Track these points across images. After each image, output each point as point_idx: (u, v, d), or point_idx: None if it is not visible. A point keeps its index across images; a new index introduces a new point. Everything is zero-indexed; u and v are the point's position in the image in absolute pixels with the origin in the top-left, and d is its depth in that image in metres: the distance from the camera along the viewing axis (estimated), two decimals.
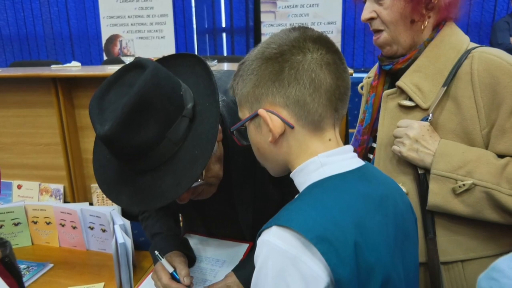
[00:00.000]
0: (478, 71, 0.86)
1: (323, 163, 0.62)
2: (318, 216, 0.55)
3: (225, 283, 1.00)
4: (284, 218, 0.56)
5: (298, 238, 0.54)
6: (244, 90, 0.65)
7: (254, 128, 0.66)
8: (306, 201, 0.59)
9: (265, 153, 0.67)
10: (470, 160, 0.85)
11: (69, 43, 4.54)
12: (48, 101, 1.72)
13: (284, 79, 0.61)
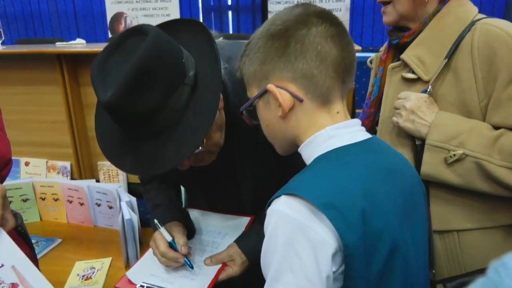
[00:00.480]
0: (478, 43, 0.85)
1: (331, 135, 0.63)
2: (326, 184, 0.57)
3: (227, 253, 1.01)
4: (293, 187, 0.58)
5: (306, 205, 0.55)
6: (251, 68, 0.66)
7: (263, 105, 0.68)
8: (314, 171, 0.61)
9: (274, 129, 0.69)
10: (464, 131, 0.86)
11: (74, 21, 4.49)
12: (53, 78, 1.71)
13: (290, 54, 0.62)
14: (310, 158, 0.65)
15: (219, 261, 1.00)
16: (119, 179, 1.78)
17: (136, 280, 0.98)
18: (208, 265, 1.01)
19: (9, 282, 0.73)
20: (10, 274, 0.74)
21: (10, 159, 0.91)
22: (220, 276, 0.98)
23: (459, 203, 0.92)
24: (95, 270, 1.31)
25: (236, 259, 1.00)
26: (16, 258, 0.76)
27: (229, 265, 1.00)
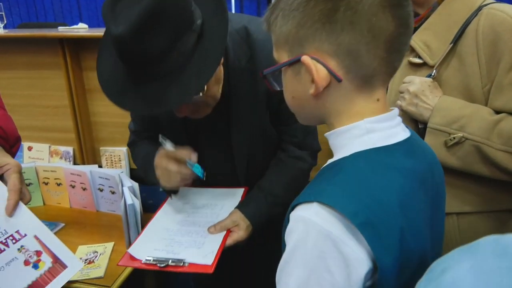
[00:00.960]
0: (483, 28, 0.86)
1: (369, 129, 0.55)
2: (364, 196, 0.50)
3: (231, 219, 1.01)
4: (328, 196, 0.50)
5: (342, 220, 0.49)
6: (284, 28, 0.54)
7: (292, 75, 0.57)
8: (351, 178, 0.52)
9: (301, 103, 0.59)
10: (465, 115, 0.87)
11: (76, 5, 4.45)
12: (55, 62, 1.70)
13: (337, 22, 0.50)
14: (341, 148, 0.57)
15: (223, 228, 0.99)
16: (121, 165, 1.78)
17: (139, 256, 0.95)
18: (212, 233, 0.99)
19: (34, 250, 0.79)
20: (34, 243, 0.80)
21: (19, 137, 0.94)
22: (227, 242, 0.97)
23: (459, 187, 0.93)
24: (98, 254, 1.33)
25: (240, 224, 0.99)
26: (37, 228, 0.82)
27: (234, 231, 0.99)
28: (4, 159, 0.83)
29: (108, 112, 1.77)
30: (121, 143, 1.79)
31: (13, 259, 0.76)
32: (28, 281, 0.76)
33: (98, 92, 1.76)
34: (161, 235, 1.03)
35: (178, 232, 1.03)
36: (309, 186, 0.56)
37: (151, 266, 0.92)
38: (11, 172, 0.81)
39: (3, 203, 0.79)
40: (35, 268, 0.78)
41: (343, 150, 0.56)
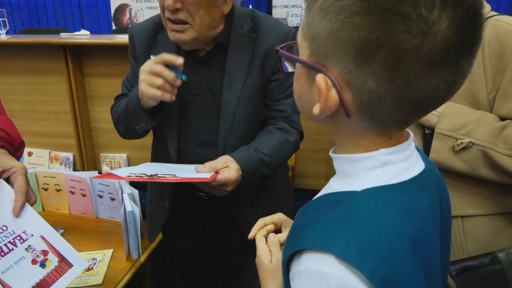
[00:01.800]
0: (489, 38, 0.89)
1: (384, 162, 0.47)
2: (384, 251, 0.43)
3: (221, 160, 0.98)
4: (345, 249, 0.42)
5: (361, 277, 0.42)
6: (317, 24, 0.43)
7: (305, 77, 0.48)
8: (368, 226, 0.44)
9: (306, 106, 0.50)
10: (472, 121, 0.90)
11: (78, 12, 4.48)
12: (57, 68, 1.71)
13: (373, 62, 0.40)
14: (347, 176, 0.50)
15: (212, 168, 0.96)
16: None
17: (121, 174, 0.89)
18: (200, 171, 0.95)
19: (40, 249, 0.82)
20: (40, 243, 0.83)
21: (23, 141, 0.96)
22: (218, 177, 0.93)
23: (464, 190, 0.95)
24: (97, 261, 1.32)
25: (230, 164, 0.97)
26: (43, 229, 0.85)
27: (225, 170, 0.96)
28: (11, 162, 0.86)
29: (109, 118, 1.76)
30: (121, 150, 1.79)
31: (21, 258, 0.79)
32: (36, 279, 0.79)
33: (99, 98, 1.77)
34: (144, 169, 0.98)
35: (161, 171, 0.98)
36: (311, 224, 0.47)
37: (135, 178, 0.88)
38: (18, 174, 0.84)
39: (10, 204, 0.82)
40: (42, 267, 0.81)
41: (350, 179, 0.49)
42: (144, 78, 0.96)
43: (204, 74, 1.08)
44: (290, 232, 0.52)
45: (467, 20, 0.39)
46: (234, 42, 1.05)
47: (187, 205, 1.16)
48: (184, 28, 0.97)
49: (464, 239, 0.96)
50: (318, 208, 0.50)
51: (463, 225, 0.96)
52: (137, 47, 1.13)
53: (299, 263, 0.45)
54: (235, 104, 1.05)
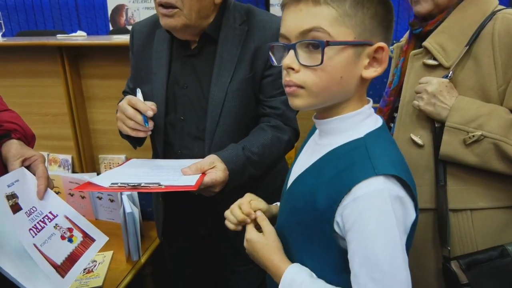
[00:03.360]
0: (499, 31, 0.90)
1: (368, 114, 0.68)
2: (403, 164, 0.66)
3: (208, 160, 0.97)
4: (386, 168, 0.61)
5: (398, 183, 0.62)
6: (359, 13, 0.61)
7: (353, 55, 0.62)
8: (387, 152, 0.65)
9: (346, 86, 0.64)
10: (483, 114, 0.90)
11: (75, 13, 4.47)
12: (54, 70, 1.70)
13: (390, 28, 0.66)
14: (343, 131, 0.67)
15: (198, 169, 0.94)
16: None
17: (103, 184, 0.89)
18: (186, 173, 0.94)
19: (66, 227, 0.93)
20: (65, 221, 0.93)
21: (34, 134, 1.04)
22: (205, 179, 0.92)
23: (474, 183, 0.95)
24: (97, 263, 1.32)
25: (217, 165, 0.96)
26: (65, 209, 0.96)
27: (212, 171, 0.95)
28: (31, 152, 0.95)
29: (106, 119, 1.77)
30: (120, 151, 1.78)
31: (52, 234, 0.89)
32: (68, 252, 0.89)
33: (97, 99, 1.76)
34: (127, 175, 0.97)
35: (146, 174, 0.98)
36: (347, 168, 0.63)
37: (118, 189, 0.89)
38: (38, 162, 0.93)
39: (35, 188, 0.91)
40: (70, 242, 0.92)
41: (349, 133, 0.66)
42: (119, 116, 1.03)
43: (194, 66, 1.08)
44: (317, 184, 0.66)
45: None
46: (224, 35, 1.06)
47: (179, 199, 1.13)
48: (173, 12, 0.98)
49: (473, 232, 0.95)
50: (337, 159, 0.65)
51: (472, 218, 0.95)
52: (135, 43, 1.16)
53: (352, 194, 0.60)
54: (223, 96, 1.04)
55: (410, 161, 0.99)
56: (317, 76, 0.62)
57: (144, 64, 1.13)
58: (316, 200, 0.64)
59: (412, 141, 1.00)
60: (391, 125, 1.09)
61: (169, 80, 1.09)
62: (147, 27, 1.14)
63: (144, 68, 1.13)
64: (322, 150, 0.68)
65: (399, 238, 0.60)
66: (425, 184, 0.99)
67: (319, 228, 0.65)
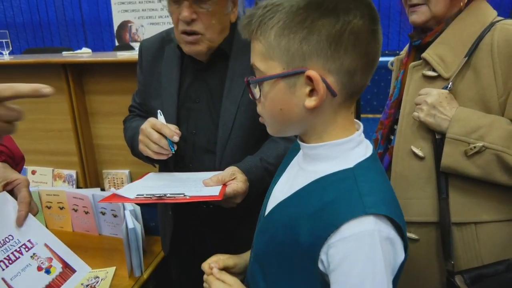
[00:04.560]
0: (498, 42, 0.90)
1: (359, 141, 0.64)
2: (394, 202, 0.62)
3: (228, 172, 0.97)
4: (377, 207, 0.57)
5: (390, 223, 0.58)
6: (283, 41, 0.56)
7: (285, 86, 0.59)
8: (378, 188, 0.61)
9: (288, 116, 0.61)
10: (484, 125, 0.89)
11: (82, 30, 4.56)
12: (59, 87, 1.72)
13: (342, 44, 0.55)
14: (331, 159, 0.62)
15: (220, 181, 0.96)
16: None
17: (128, 195, 0.88)
18: (208, 184, 0.95)
19: (45, 257, 0.89)
20: (44, 250, 0.89)
21: (23, 156, 1.02)
22: (227, 190, 0.93)
23: (477, 195, 0.94)
24: (99, 279, 1.31)
25: (238, 176, 0.97)
26: (46, 237, 0.91)
27: (233, 182, 0.96)
28: (14, 175, 0.92)
29: (110, 134, 1.78)
30: (124, 166, 1.79)
31: (27, 266, 0.85)
32: (42, 284, 0.85)
33: (100, 115, 1.78)
34: (150, 187, 0.98)
35: (168, 186, 0.99)
36: (333, 202, 0.58)
37: (144, 200, 0.87)
38: (21, 186, 0.90)
39: (15, 215, 0.87)
40: (47, 273, 0.87)
41: (337, 160, 0.62)
42: (142, 139, 1.03)
43: (206, 81, 1.10)
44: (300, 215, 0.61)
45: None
46: (236, 49, 1.08)
47: (189, 213, 1.14)
48: (197, 39, 1.02)
49: (478, 246, 0.94)
50: (324, 190, 0.60)
51: (476, 231, 0.94)
52: (144, 59, 1.18)
53: (340, 233, 0.56)
54: (235, 110, 1.06)
55: (411, 173, 0.99)
56: (263, 108, 0.64)
57: (153, 79, 1.16)
58: (299, 233, 0.60)
59: (413, 153, 0.99)
60: (392, 138, 1.09)
61: (180, 94, 1.11)
62: (156, 43, 1.17)
63: (153, 83, 1.16)
64: (307, 177, 0.63)
65: (386, 283, 0.57)
66: (427, 197, 0.98)
67: (301, 263, 0.61)
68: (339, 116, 0.62)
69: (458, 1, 0.96)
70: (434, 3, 0.95)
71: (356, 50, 0.57)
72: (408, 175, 1.00)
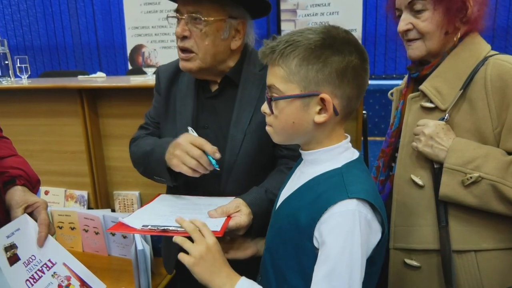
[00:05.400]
0: (491, 76, 0.93)
1: (346, 147, 0.81)
2: (374, 190, 0.78)
3: (233, 204, 0.99)
4: (359, 193, 0.73)
5: (369, 207, 0.74)
6: (304, 69, 0.74)
7: (301, 105, 0.76)
8: (360, 180, 0.77)
9: (298, 128, 0.78)
10: (480, 156, 0.92)
11: (96, 53, 4.70)
12: (74, 110, 1.79)
13: (346, 77, 0.75)
14: (325, 161, 0.80)
15: (224, 212, 0.98)
16: (133, 208, 1.82)
17: (134, 225, 0.92)
18: (212, 216, 0.97)
19: (64, 275, 0.94)
20: (63, 269, 0.95)
21: (39, 179, 1.07)
22: (230, 223, 0.95)
23: (477, 224, 0.96)
24: None
25: (242, 209, 0.99)
26: (65, 257, 0.97)
27: (236, 215, 0.98)
28: (34, 198, 0.98)
29: (122, 156, 1.83)
30: (134, 187, 1.83)
31: (49, 284, 0.91)
32: None
33: (113, 137, 1.84)
34: (156, 215, 1.00)
35: (174, 215, 0.99)
36: (325, 192, 0.75)
37: (149, 231, 0.90)
38: (41, 209, 0.95)
39: (35, 236, 0.93)
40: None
41: (328, 163, 0.79)
42: (179, 155, 1.02)
43: (215, 107, 1.15)
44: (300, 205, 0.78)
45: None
46: (244, 79, 1.12)
47: None
48: (190, 57, 1.07)
49: (479, 274, 0.95)
50: (317, 184, 0.78)
51: (477, 259, 0.95)
52: (161, 82, 1.24)
53: (328, 212, 0.72)
54: (242, 137, 1.10)
55: (411, 201, 1.01)
56: (276, 120, 0.80)
57: (169, 102, 1.21)
58: (299, 219, 0.76)
59: (412, 181, 1.01)
60: (393, 165, 1.11)
61: (192, 119, 1.16)
62: (172, 68, 1.23)
63: (169, 106, 1.21)
64: (305, 177, 0.81)
65: (361, 256, 0.71)
66: (427, 225, 0.99)
67: (301, 243, 0.76)
68: (335, 131, 0.80)
69: (452, 37, 1.00)
70: (428, 38, 0.99)
71: (354, 82, 0.76)
72: (408, 202, 1.02)
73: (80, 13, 4.60)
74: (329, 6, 3.66)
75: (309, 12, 3.78)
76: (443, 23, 0.97)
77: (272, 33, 4.09)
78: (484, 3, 0.99)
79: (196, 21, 1.04)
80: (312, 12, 3.75)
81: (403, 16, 1.01)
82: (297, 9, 3.77)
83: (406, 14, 1.00)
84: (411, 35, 1.01)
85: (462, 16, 0.98)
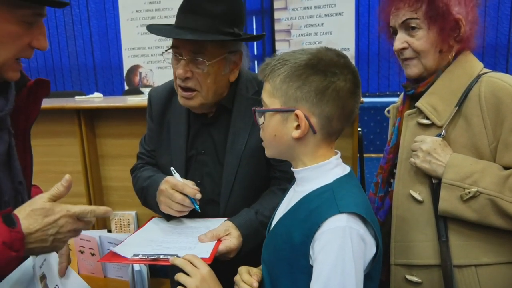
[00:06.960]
0: (485, 93, 0.96)
1: (336, 164, 0.82)
2: (365, 205, 0.78)
3: (223, 227, 1.02)
4: (349, 207, 0.73)
5: (361, 220, 0.74)
6: (285, 86, 0.78)
7: (280, 119, 0.80)
8: (351, 194, 0.77)
9: (280, 141, 0.81)
10: (477, 171, 0.93)
11: (93, 74, 4.73)
12: (71, 131, 1.80)
13: (325, 96, 0.76)
14: (315, 179, 0.81)
15: (214, 236, 1.00)
16: (130, 229, 1.80)
17: (125, 254, 0.93)
18: (202, 240, 1.00)
19: None
20: None
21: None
22: (220, 247, 0.97)
23: (477, 238, 0.96)
24: None
25: (232, 232, 1.02)
26: (81, 286, 0.99)
27: (226, 238, 1.01)
28: None
29: (119, 176, 1.83)
30: (131, 207, 1.83)
31: None
32: None
33: (110, 157, 1.84)
34: (147, 241, 1.02)
35: (164, 241, 1.03)
36: (316, 208, 0.76)
37: (140, 260, 0.91)
38: None
39: (56, 266, 0.95)
40: None
41: (318, 180, 0.80)
42: (164, 201, 1.07)
43: (210, 134, 1.16)
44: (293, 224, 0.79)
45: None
46: (238, 105, 1.13)
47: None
48: (192, 96, 1.07)
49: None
50: (309, 201, 0.79)
51: (477, 274, 0.95)
52: (154, 109, 1.22)
53: (321, 229, 0.73)
54: (237, 163, 1.11)
55: (411, 216, 1.02)
56: (263, 132, 0.84)
57: (163, 128, 1.20)
58: (293, 237, 0.77)
59: (411, 197, 1.02)
60: (392, 181, 1.12)
61: (187, 146, 1.16)
62: (164, 93, 1.21)
63: (163, 133, 1.20)
64: (298, 195, 0.83)
65: (354, 272, 0.71)
66: (428, 240, 0.99)
67: (296, 261, 0.77)
68: (320, 149, 0.81)
69: (447, 55, 1.03)
70: (423, 56, 1.02)
71: (335, 103, 0.77)
72: (408, 218, 1.02)
73: (77, 35, 4.65)
74: (322, 26, 3.74)
75: (303, 32, 3.85)
76: (437, 42, 1.00)
77: (267, 52, 4.18)
78: (475, 22, 1.02)
79: (198, 62, 1.03)
80: (306, 32, 3.83)
81: (399, 35, 1.04)
82: (291, 29, 3.84)
83: (401, 33, 1.03)
84: (406, 54, 1.04)
85: (455, 35, 1.01)
